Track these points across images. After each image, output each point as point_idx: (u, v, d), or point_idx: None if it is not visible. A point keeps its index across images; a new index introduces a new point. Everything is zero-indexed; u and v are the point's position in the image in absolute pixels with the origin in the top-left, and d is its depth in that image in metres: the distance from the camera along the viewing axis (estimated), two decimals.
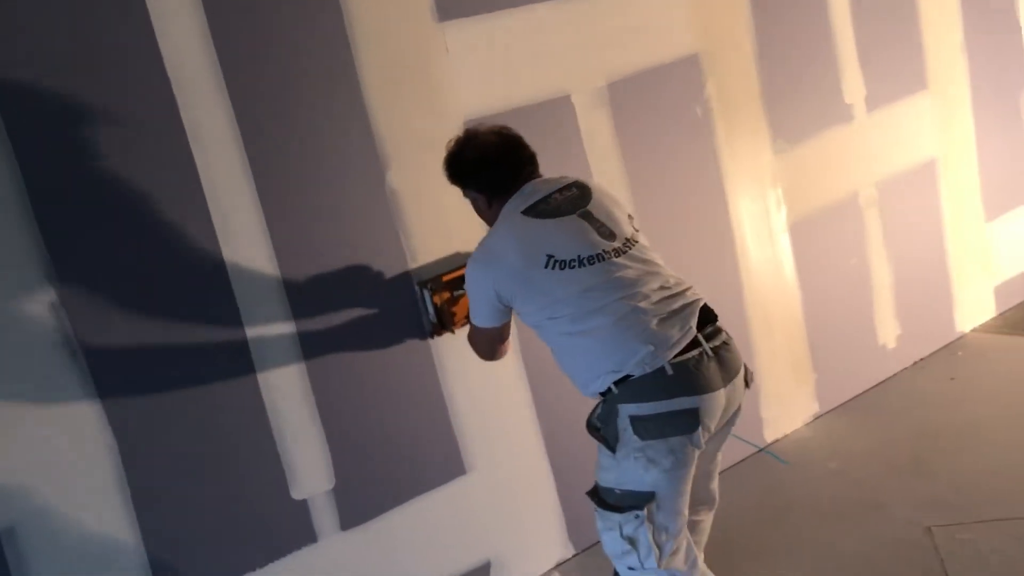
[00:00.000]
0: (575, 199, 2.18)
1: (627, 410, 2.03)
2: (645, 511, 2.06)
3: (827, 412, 3.55)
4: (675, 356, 2.01)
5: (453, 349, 2.70)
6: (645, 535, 2.07)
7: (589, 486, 2.22)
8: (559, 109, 2.89)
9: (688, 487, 2.12)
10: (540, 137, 2.83)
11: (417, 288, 2.64)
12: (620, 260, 2.10)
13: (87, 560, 2.22)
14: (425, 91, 2.65)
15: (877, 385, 3.67)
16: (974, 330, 3.99)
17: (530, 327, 2.21)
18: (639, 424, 2.02)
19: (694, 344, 2.05)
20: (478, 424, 2.76)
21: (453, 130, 2.65)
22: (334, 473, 2.53)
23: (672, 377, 2.00)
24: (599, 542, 2.93)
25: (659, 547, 2.09)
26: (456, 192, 2.40)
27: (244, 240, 2.39)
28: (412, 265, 2.65)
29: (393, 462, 2.64)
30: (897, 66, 3.65)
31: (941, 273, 3.87)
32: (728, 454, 2.56)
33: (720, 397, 2.07)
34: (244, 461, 2.42)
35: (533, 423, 2.87)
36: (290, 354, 2.47)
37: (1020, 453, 2.99)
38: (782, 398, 3.42)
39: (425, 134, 2.65)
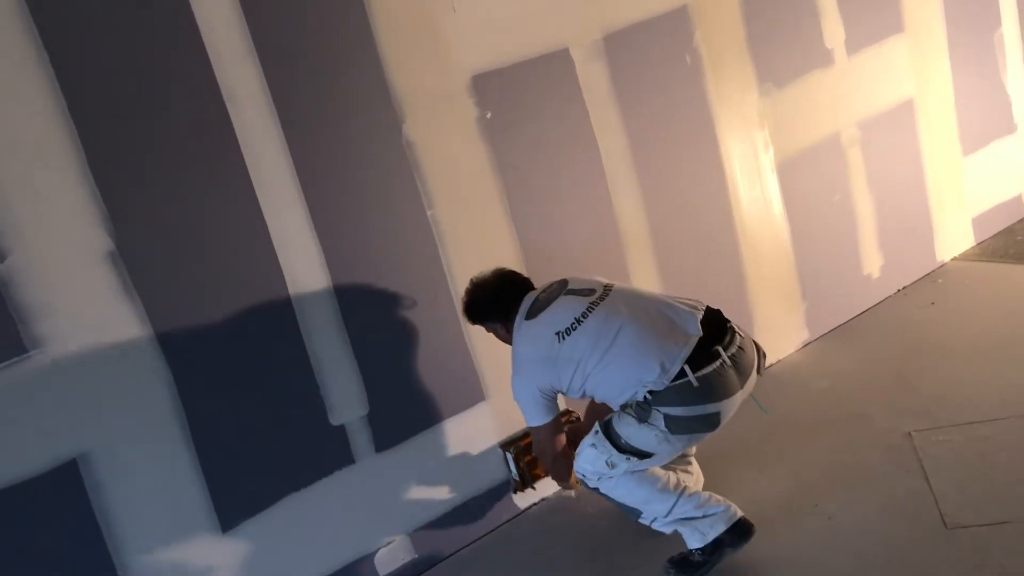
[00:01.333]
0: (556, 290, 2.62)
1: (663, 411, 2.41)
2: (636, 460, 2.47)
3: (816, 339, 3.80)
4: (698, 370, 2.38)
5: None
6: (623, 468, 2.49)
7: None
8: (559, 62, 3.10)
9: None
10: (542, 90, 3.07)
11: (500, 451, 3.04)
12: (606, 303, 2.53)
13: (151, 483, 2.48)
14: (434, 48, 2.86)
15: (863, 313, 3.92)
16: (953, 259, 4.23)
17: (582, 398, 2.61)
18: (671, 421, 2.41)
19: (715, 356, 2.42)
20: (492, 356, 3.01)
21: (461, 84, 2.89)
22: (367, 400, 2.79)
23: (698, 388, 2.38)
24: None
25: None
26: (463, 139, 2.67)
27: (277, 187, 2.62)
28: (428, 211, 2.88)
29: (420, 390, 2.90)
30: (874, 11, 3.84)
31: (921, 206, 4.10)
32: None
33: (738, 398, 2.47)
34: (288, 392, 2.67)
35: None
36: (324, 295, 2.71)
37: (992, 365, 3.24)
38: (774, 327, 3.67)
39: (436, 89, 2.87)
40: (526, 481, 3.01)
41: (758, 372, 2.56)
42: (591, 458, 2.51)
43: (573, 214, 3.19)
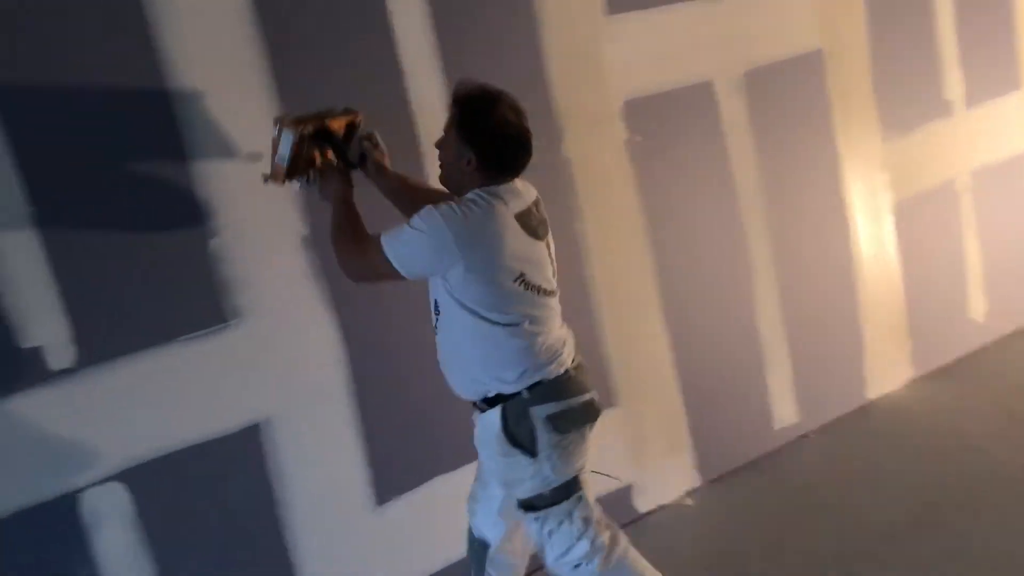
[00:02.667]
0: (541, 224, 2.26)
1: (541, 410, 2.19)
2: (583, 495, 2.28)
3: (922, 376, 3.92)
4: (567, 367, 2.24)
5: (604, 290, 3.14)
6: (591, 517, 2.28)
7: (719, 426, 2.64)
8: (703, 94, 3.31)
9: None
10: (686, 119, 3.28)
11: (275, 125, 2.34)
12: (551, 301, 2.27)
13: (320, 451, 2.70)
14: (595, 74, 3.09)
15: (968, 354, 4.04)
16: None
17: (436, 297, 2.23)
18: (551, 423, 2.19)
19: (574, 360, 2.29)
20: (625, 364, 3.19)
21: (615, 108, 3.11)
22: None
23: (573, 378, 2.25)
24: (726, 473, 3.39)
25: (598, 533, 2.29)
26: (613, 160, 2.92)
27: None
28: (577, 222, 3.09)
29: None
30: (993, 67, 4.02)
31: None
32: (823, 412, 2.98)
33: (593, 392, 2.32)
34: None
35: (670, 364, 3.31)
36: None
37: None
38: (882, 360, 3.80)
39: (592, 111, 3.09)
40: (293, 171, 2.35)
41: None
42: (563, 537, 2.27)
43: (706, 239, 3.37)
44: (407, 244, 2.12)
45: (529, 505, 2.27)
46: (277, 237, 2.60)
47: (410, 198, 2.44)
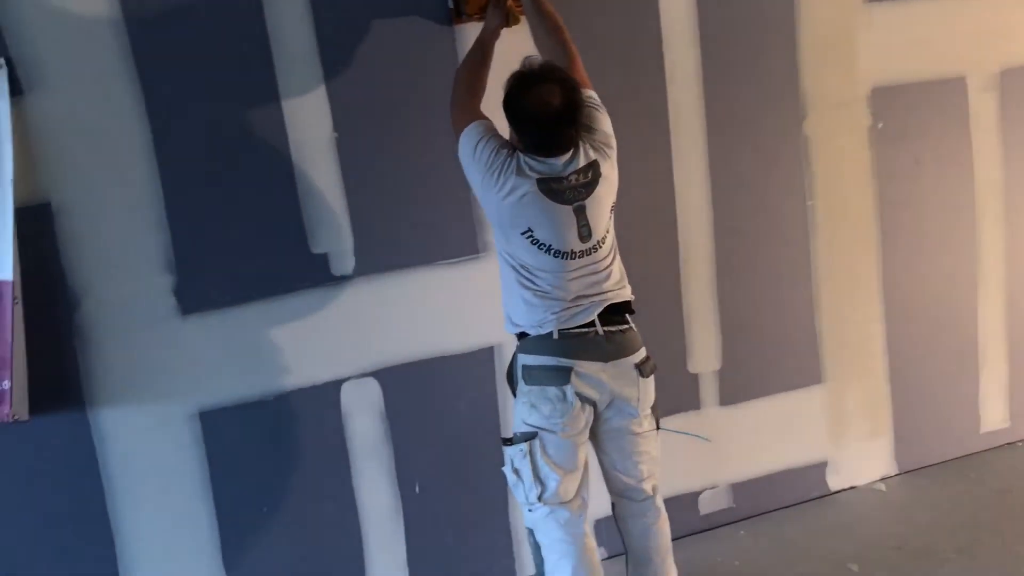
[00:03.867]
0: (581, 187, 2.32)
1: (522, 359, 2.41)
2: (527, 446, 2.37)
3: None
4: (566, 328, 2.34)
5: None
6: (528, 470, 2.37)
7: (924, 419, 2.90)
8: (954, 88, 3.30)
9: (574, 444, 2.38)
10: (932, 111, 3.28)
11: None
12: (575, 261, 2.34)
13: None
14: (846, 59, 3.16)
15: None
16: None
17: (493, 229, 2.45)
18: (526, 371, 2.39)
19: (589, 325, 2.36)
20: (838, 343, 3.28)
21: (861, 94, 3.17)
22: (722, 357, 3.15)
23: (556, 341, 2.34)
24: (924, 466, 3.42)
25: (541, 484, 2.37)
26: (852, 143, 3.09)
27: (690, 161, 3.03)
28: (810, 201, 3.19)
29: (764, 358, 3.22)
30: None
31: None
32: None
33: (596, 367, 2.35)
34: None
35: (882, 349, 3.36)
36: (707, 255, 3.10)
37: None
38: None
39: (838, 94, 3.17)
40: (461, 9, 2.69)
41: (643, 373, 2.41)
42: (505, 473, 2.44)
43: (936, 232, 3.38)
44: (462, 146, 2.37)
45: (504, 438, 2.48)
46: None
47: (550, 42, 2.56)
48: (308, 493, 2.76)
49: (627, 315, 2.44)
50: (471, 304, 2.84)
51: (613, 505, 2.55)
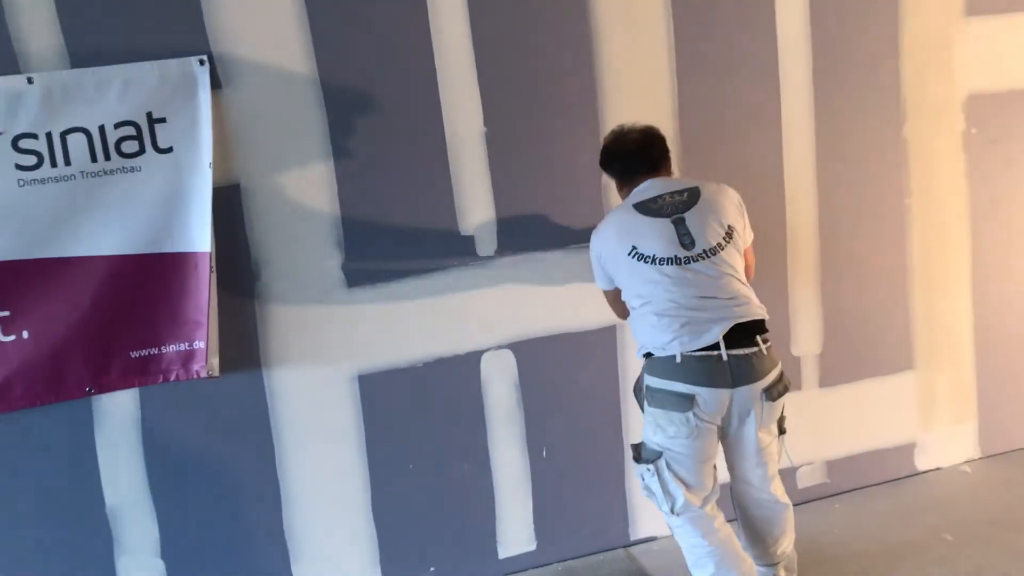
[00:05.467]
0: (680, 204, 2.54)
1: (647, 380, 2.55)
2: (654, 466, 2.52)
3: None
4: (690, 352, 2.43)
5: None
6: (657, 487, 2.53)
7: (1009, 407, 3.21)
8: None
9: (701, 459, 2.51)
10: (1020, 118, 3.50)
11: None
12: (686, 268, 2.47)
13: None
14: (946, 65, 3.39)
15: None
16: None
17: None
18: (650, 393, 2.53)
19: (714, 347, 2.42)
20: (929, 330, 3.51)
21: (958, 100, 3.39)
22: (823, 342, 3.39)
23: (679, 366, 2.44)
24: (1007, 451, 3.63)
25: (672, 497, 2.52)
26: (947, 147, 3.28)
27: (800, 156, 3.28)
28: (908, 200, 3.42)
29: (861, 344, 3.45)
30: None
31: None
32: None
33: (721, 394, 2.43)
34: None
35: (970, 340, 3.58)
36: (812, 246, 3.35)
37: None
38: None
39: (936, 99, 3.39)
40: None
41: (770, 397, 2.49)
42: (641, 488, 2.63)
43: None
44: (594, 271, 2.75)
45: (633, 445, 2.66)
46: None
47: None
48: (449, 453, 3.06)
49: (758, 335, 2.49)
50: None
51: (732, 488, 2.71)
